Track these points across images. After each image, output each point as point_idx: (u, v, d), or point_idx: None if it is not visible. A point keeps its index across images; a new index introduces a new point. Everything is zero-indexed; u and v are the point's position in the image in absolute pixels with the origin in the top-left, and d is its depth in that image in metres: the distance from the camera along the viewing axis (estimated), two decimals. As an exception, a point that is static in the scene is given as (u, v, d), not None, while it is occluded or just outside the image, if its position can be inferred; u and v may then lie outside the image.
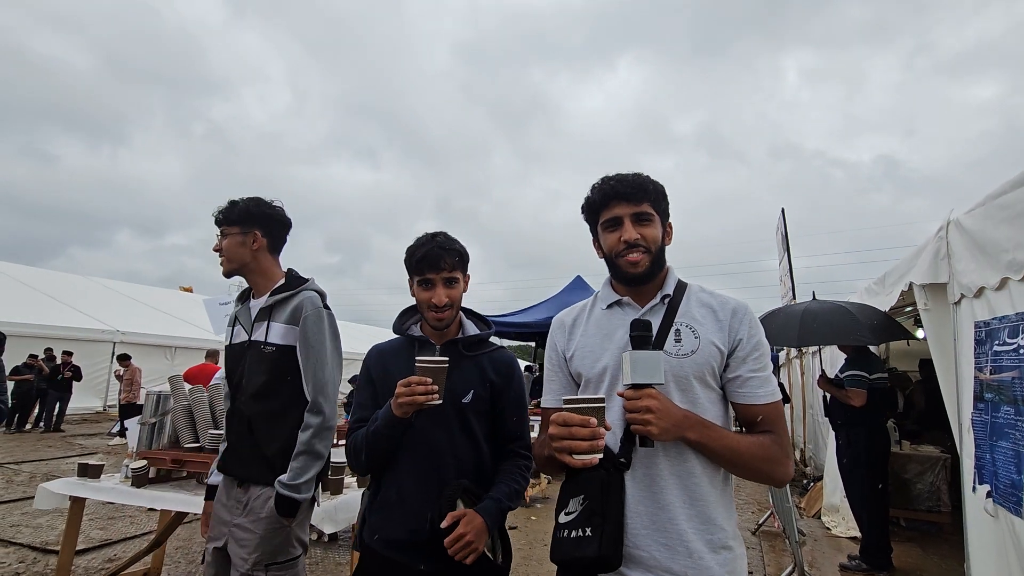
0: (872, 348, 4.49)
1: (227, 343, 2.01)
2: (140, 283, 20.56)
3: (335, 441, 4.81)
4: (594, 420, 1.03)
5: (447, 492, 1.43)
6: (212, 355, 8.79)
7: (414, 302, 1.62)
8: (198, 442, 2.97)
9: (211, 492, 1.97)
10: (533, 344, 10.91)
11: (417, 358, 1.40)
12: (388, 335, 1.92)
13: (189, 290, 22.61)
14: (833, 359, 5.45)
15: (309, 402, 1.81)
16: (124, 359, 10.63)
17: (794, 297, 8.42)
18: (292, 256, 1.99)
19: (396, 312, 1.76)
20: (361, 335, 20.01)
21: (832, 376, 4.34)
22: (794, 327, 3.72)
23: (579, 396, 1.12)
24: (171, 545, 3.59)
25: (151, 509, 4.91)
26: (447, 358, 1.42)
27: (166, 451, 3.01)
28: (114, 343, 13.66)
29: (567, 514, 1.14)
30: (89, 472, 3.08)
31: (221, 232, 1.94)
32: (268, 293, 1.93)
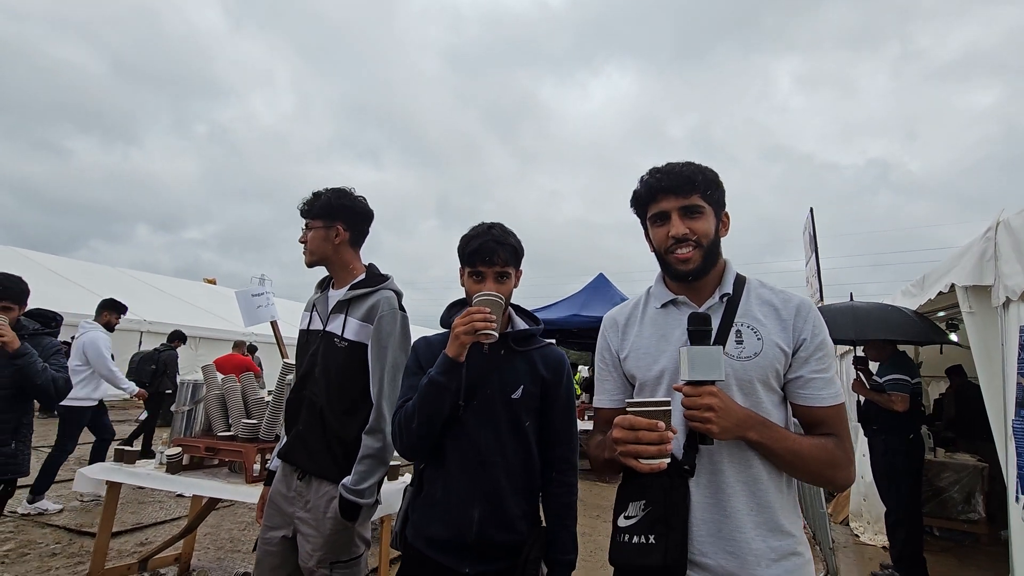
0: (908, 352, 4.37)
1: (303, 327, 2.00)
2: (157, 274, 20.98)
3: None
4: (662, 424, 1.00)
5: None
6: (239, 346, 8.94)
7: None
8: (231, 431, 3.01)
9: (271, 478, 1.96)
10: (553, 342, 10.85)
11: (474, 295, 1.42)
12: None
13: (212, 282, 23.02)
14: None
15: (374, 405, 1.79)
16: None
17: (822, 299, 8.23)
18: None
19: (406, 304, 1.78)
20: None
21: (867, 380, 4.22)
22: (847, 323, 3.62)
23: (645, 399, 1.08)
24: (200, 531, 3.65)
25: (179, 496, 5.03)
26: (502, 295, 1.43)
27: (200, 439, 3.06)
28: (141, 332, 13.97)
29: (627, 518, 1.12)
30: (125, 458, 3.16)
31: (306, 224, 1.94)
32: (348, 286, 1.93)
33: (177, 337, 8.00)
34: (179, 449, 3.00)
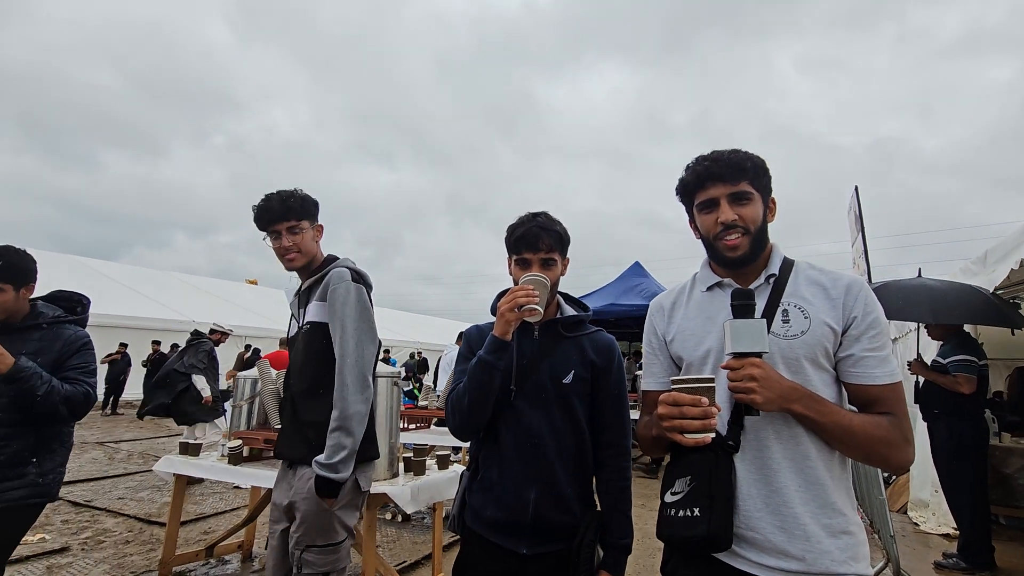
0: (971, 333, 4.16)
1: (286, 339, 2.07)
2: (204, 276, 21.88)
3: (404, 425, 4.93)
4: (705, 399, 1.03)
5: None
6: (286, 343, 9.23)
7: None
8: (287, 423, 3.13)
9: None
10: (603, 329, 10.78)
11: (521, 277, 1.45)
12: (424, 322, 1.96)
13: (254, 283, 23.82)
14: (922, 343, 5.10)
15: (336, 375, 1.76)
16: None
17: (869, 280, 7.92)
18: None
19: (433, 300, 1.79)
20: (405, 320, 20.47)
21: (929, 362, 4.04)
22: (923, 302, 3.43)
23: (688, 376, 1.11)
24: (259, 520, 3.81)
25: (236, 487, 5.26)
26: (547, 277, 1.46)
27: (258, 431, 3.19)
28: (190, 332, 14.61)
29: (673, 494, 1.14)
30: (189, 451, 3.32)
31: (288, 228, 1.88)
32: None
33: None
34: (239, 442, 3.13)
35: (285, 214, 1.88)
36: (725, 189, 1.19)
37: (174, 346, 13.22)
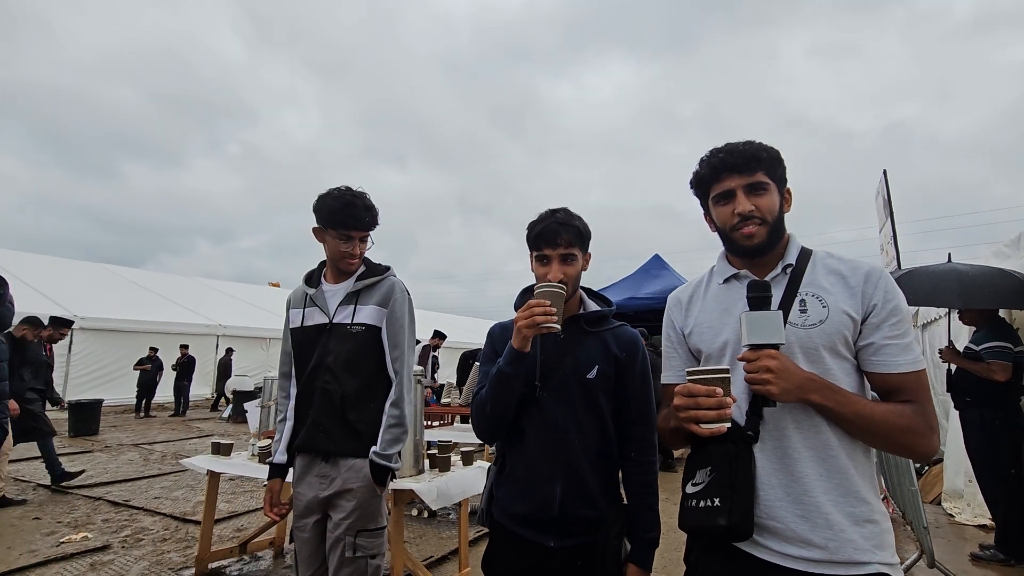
0: (1007, 319, 4.03)
1: (297, 325, 2.02)
2: (227, 281, 22.30)
3: (427, 423, 4.98)
4: (719, 390, 1.04)
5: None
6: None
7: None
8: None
9: (276, 471, 1.98)
10: (627, 324, 10.74)
11: (536, 285, 1.44)
12: (440, 320, 1.99)
13: (277, 285, 24.26)
14: (954, 329, 4.96)
15: (395, 376, 1.94)
16: None
17: (899, 266, 7.71)
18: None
19: (450, 299, 1.80)
20: (422, 318, 20.61)
21: (961, 349, 3.93)
22: (952, 287, 3.33)
23: (703, 368, 1.11)
24: (289, 517, 3.89)
25: (265, 485, 5.38)
26: (564, 284, 1.44)
27: (286, 431, 3.26)
28: (218, 336, 14.94)
29: (694, 485, 1.14)
30: (221, 450, 3.41)
31: (362, 238, 1.99)
32: (353, 278, 2.01)
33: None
34: (269, 440, 3.21)
35: (368, 225, 1.99)
36: (741, 180, 1.19)
37: (229, 350, 13.66)
